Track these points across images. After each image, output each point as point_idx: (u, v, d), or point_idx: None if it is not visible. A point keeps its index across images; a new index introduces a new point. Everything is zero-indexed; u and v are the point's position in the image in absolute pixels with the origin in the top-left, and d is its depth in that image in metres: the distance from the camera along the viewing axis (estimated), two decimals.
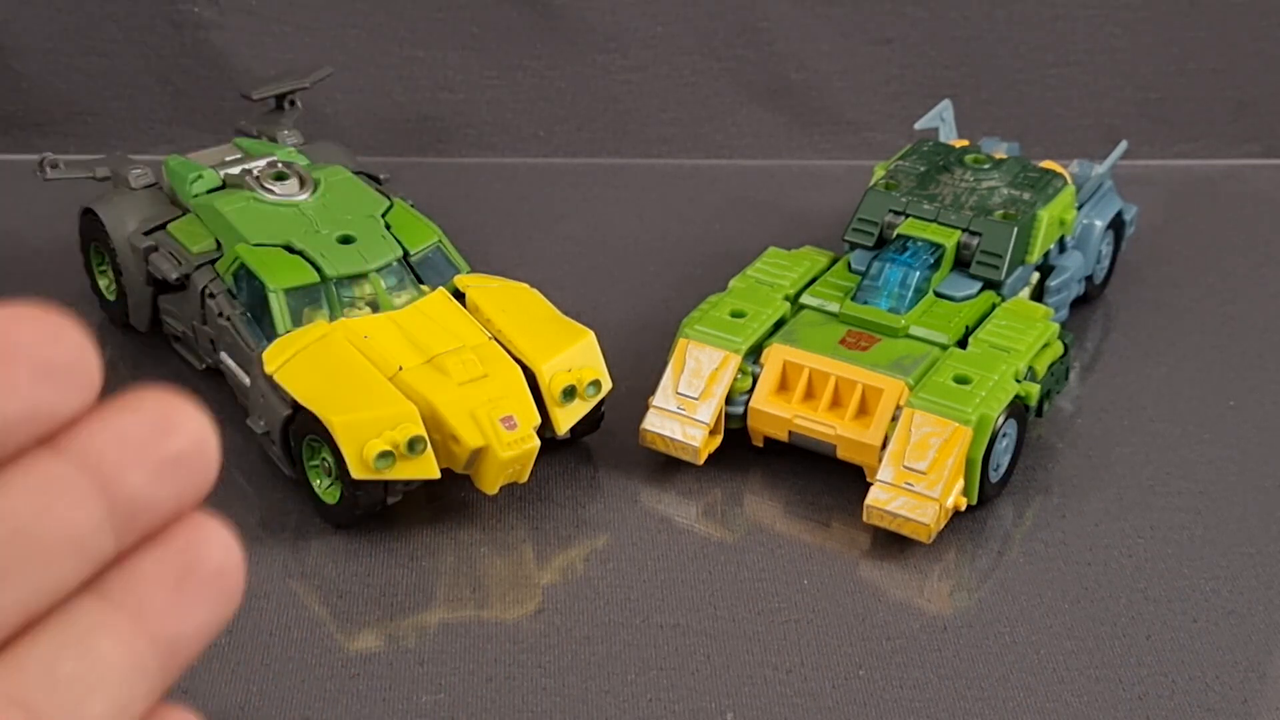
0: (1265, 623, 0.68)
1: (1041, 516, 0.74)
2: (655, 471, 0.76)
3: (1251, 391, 0.84)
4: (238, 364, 0.76)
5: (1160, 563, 0.71)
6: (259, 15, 1.02)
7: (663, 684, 0.64)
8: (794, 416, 0.74)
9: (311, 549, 0.71)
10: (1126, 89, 1.06)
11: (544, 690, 0.64)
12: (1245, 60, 1.06)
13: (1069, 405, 0.82)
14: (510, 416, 0.70)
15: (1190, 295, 0.92)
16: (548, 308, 0.77)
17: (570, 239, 0.97)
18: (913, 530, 0.70)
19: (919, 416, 0.71)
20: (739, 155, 1.07)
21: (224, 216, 0.78)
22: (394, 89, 1.05)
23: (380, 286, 0.75)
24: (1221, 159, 1.07)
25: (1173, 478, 0.77)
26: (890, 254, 0.79)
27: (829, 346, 0.75)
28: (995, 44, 1.05)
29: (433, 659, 0.65)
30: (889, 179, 0.84)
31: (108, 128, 1.05)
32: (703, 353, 0.75)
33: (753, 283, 0.80)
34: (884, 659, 0.66)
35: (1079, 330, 0.88)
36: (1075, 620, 0.68)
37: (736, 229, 0.97)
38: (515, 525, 0.73)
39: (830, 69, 1.06)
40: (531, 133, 1.06)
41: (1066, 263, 0.85)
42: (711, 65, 1.05)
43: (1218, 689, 0.65)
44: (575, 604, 0.68)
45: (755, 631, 0.67)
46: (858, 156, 1.05)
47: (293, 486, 0.74)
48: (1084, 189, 0.87)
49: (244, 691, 0.63)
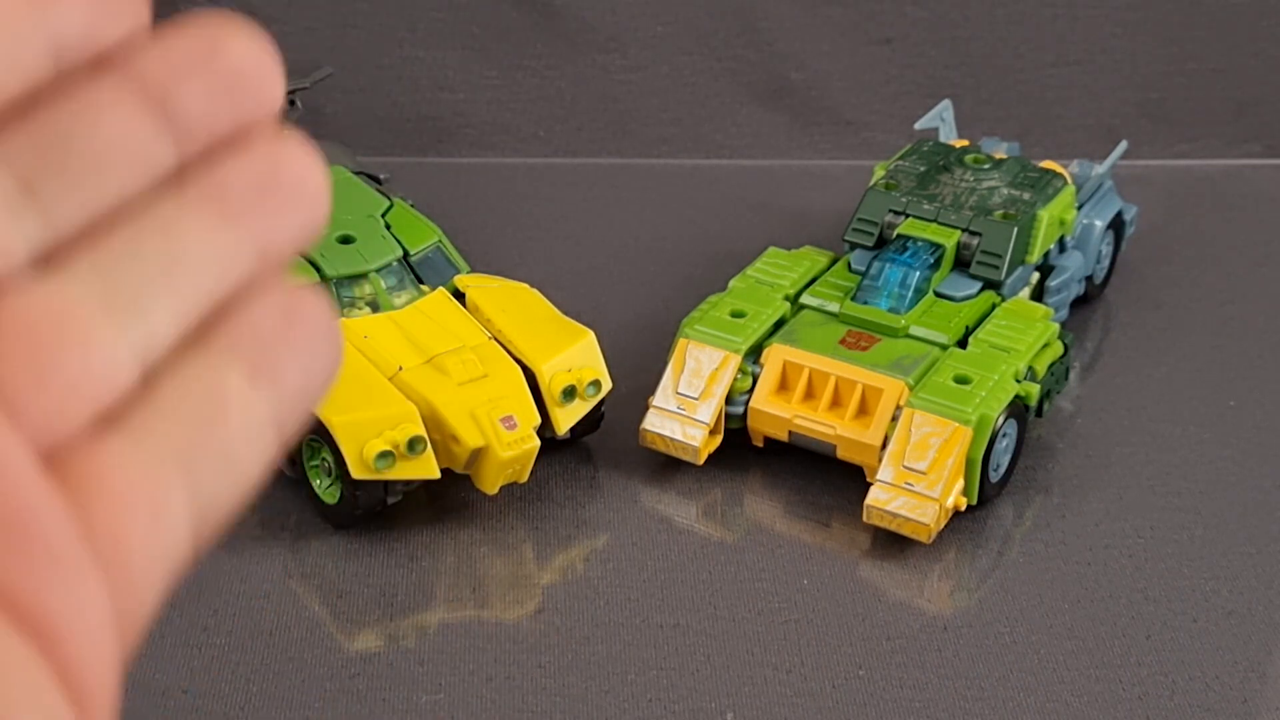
0: (1265, 623, 0.68)
1: (1041, 516, 0.74)
2: (655, 471, 0.76)
3: (1251, 391, 0.84)
4: None
5: (1160, 563, 0.71)
6: (259, 15, 1.02)
7: (663, 684, 0.64)
8: (794, 416, 0.74)
9: (311, 549, 0.71)
10: (1126, 89, 1.06)
11: (544, 690, 0.64)
12: (1245, 60, 1.06)
13: (1069, 405, 0.82)
14: (510, 416, 0.70)
15: (1190, 295, 0.92)
16: (548, 308, 0.77)
17: (570, 239, 0.97)
18: (913, 530, 0.70)
19: (919, 416, 0.71)
20: (739, 155, 1.06)
21: None
22: (394, 89, 1.05)
23: (380, 286, 0.75)
24: (1221, 159, 1.07)
25: (1173, 478, 0.77)
26: (890, 254, 0.79)
27: (829, 346, 0.75)
28: (995, 44, 1.05)
29: (433, 659, 0.65)
30: (889, 179, 0.84)
31: None
32: (703, 353, 0.75)
33: (753, 283, 0.80)
34: (884, 659, 0.66)
35: (1079, 330, 0.88)
36: (1075, 620, 0.68)
37: (736, 229, 0.97)
38: (515, 525, 0.73)
39: (830, 69, 1.06)
40: (531, 133, 1.06)
41: (1066, 263, 0.85)
42: (711, 65, 1.05)
43: (1218, 689, 0.64)
44: (575, 604, 0.68)
45: (755, 631, 0.67)
46: (858, 156, 1.05)
47: (293, 486, 0.74)
48: (1084, 189, 0.87)
49: (244, 691, 0.63)
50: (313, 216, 0.23)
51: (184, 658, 0.65)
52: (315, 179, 0.23)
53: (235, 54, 0.22)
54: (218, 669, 0.64)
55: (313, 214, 0.23)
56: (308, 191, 0.23)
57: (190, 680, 0.64)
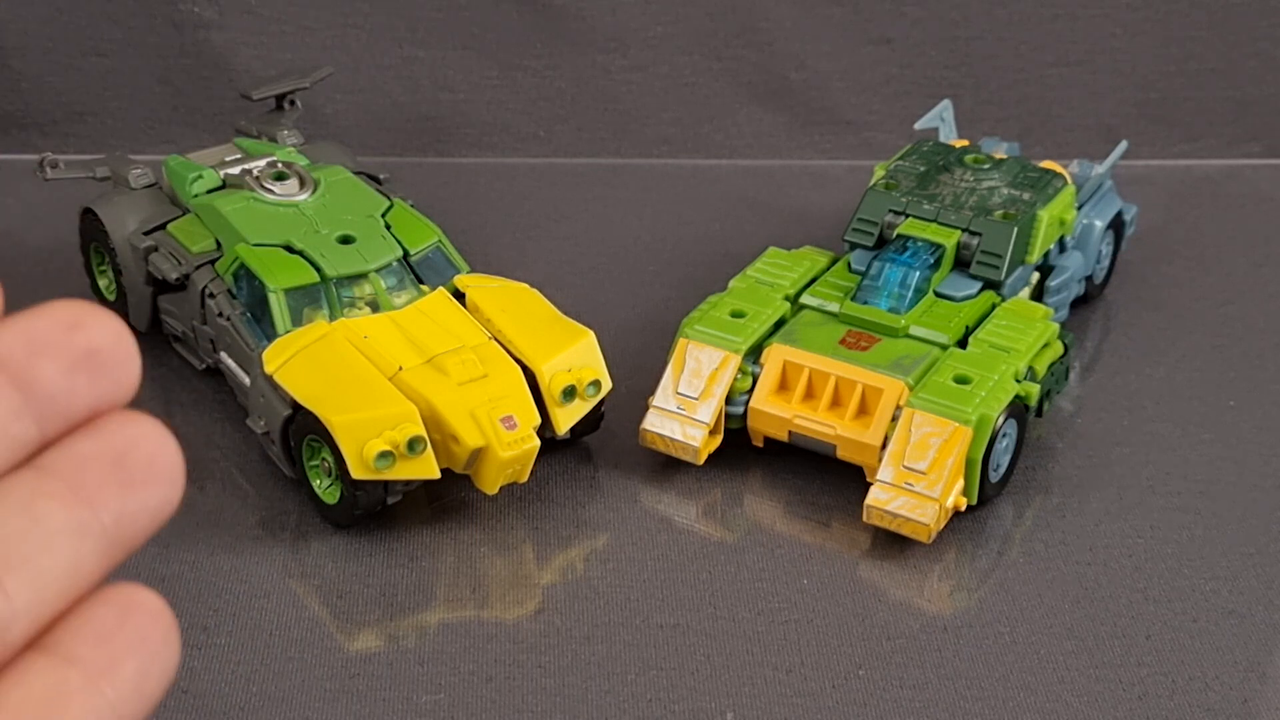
0: (1265, 623, 0.68)
1: (1041, 516, 0.74)
2: (655, 471, 0.76)
3: (1251, 391, 0.84)
4: (238, 364, 0.76)
5: (1160, 563, 0.71)
6: (259, 15, 1.02)
7: (663, 684, 0.64)
8: (794, 416, 0.74)
9: (311, 549, 0.71)
10: (1126, 89, 1.06)
11: (544, 690, 0.64)
12: (1245, 60, 1.06)
13: (1069, 405, 0.82)
14: (510, 416, 0.70)
15: (1190, 295, 0.92)
16: (548, 308, 0.77)
17: (570, 239, 0.97)
18: (913, 530, 0.70)
19: (919, 416, 0.71)
20: (739, 155, 1.07)
21: (224, 216, 0.78)
22: (394, 89, 1.05)
23: (380, 286, 0.75)
24: (1221, 159, 1.07)
25: (1173, 478, 0.77)
26: (890, 254, 0.79)
27: (829, 346, 0.75)
28: (995, 44, 1.05)
29: (433, 659, 0.65)
30: (889, 179, 0.84)
31: (108, 128, 1.05)
32: (703, 353, 0.75)
33: (753, 283, 0.80)
34: (884, 659, 0.66)
35: (1079, 330, 0.88)
36: (1075, 620, 0.68)
37: (736, 229, 0.97)
38: (515, 525, 0.73)
39: (830, 69, 1.06)
40: (531, 133, 1.06)
41: (1066, 263, 0.85)
42: (711, 65, 1.05)
43: (1218, 689, 0.65)
44: (575, 604, 0.68)
45: (755, 631, 0.67)
46: (858, 156, 1.05)
47: (293, 486, 0.74)
48: (1084, 189, 0.87)
49: (244, 691, 0.63)
50: (165, 495, 0.24)
51: (184, 658, 0.65)
52: (167, 454, 0.24)
53: (93, 332, 0.23)
54: (218, 669, 0.64)
55: (165, 492, 0.24)
56: (160, 470, 0.23)
57: (190, 680, 0.64)
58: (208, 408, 0.80)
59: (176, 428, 0.82)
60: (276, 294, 0.73)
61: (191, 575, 0.69)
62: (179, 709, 0.63)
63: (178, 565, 0.70)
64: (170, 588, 0.69)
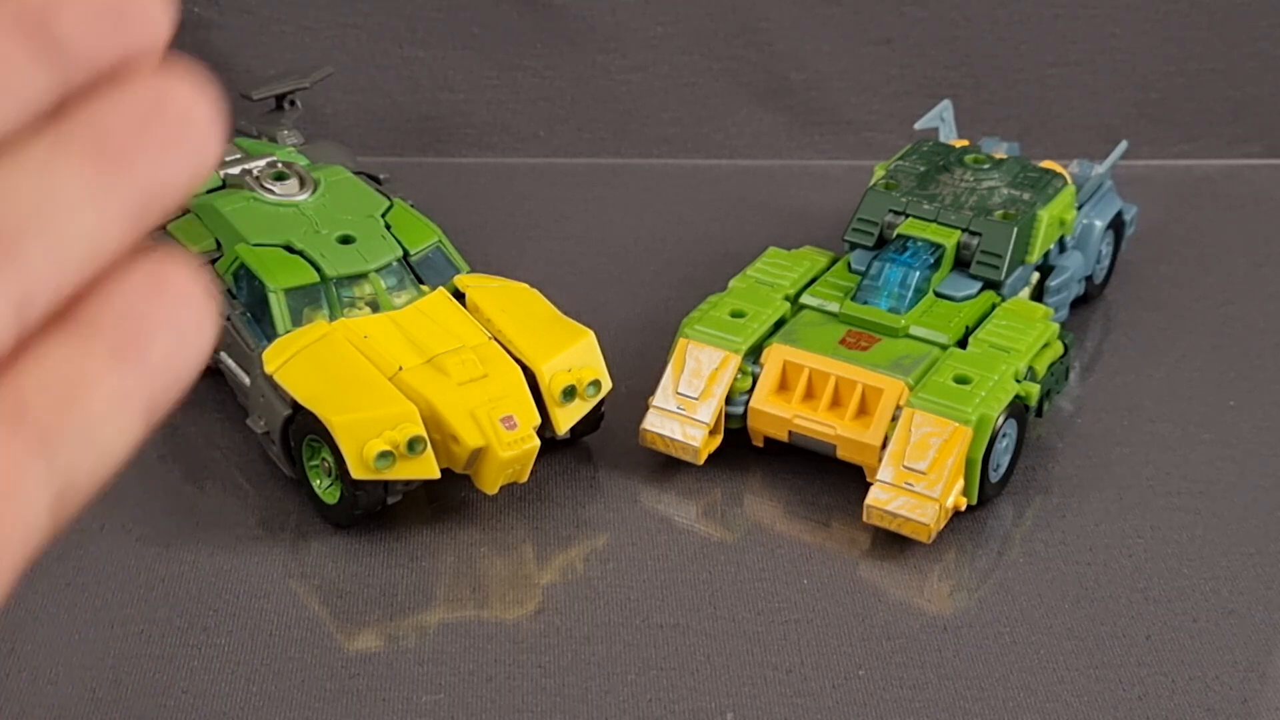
0: (1265, 623, 0.68)
1: (1041, 516, 0.74)
2: (655, 471, 0.76)
3: (1251, 391, 0.84)
4: (238, 364, 0.76)
5: (1160, 563, 0.71)
6: (259, 15, 1.02)
7: (663, 684, 0.64)
8: (794, 416, 0.74)
9: (311, 549, 0.71)
10: (1126, 89, 1.06)
11: (544, 690, 0.64)
12: (1245, 60, 1.06)
13: (1069, 405, 0.82)
14: (510, 416, 0.70)
15: (1190, 295, 0.92)
16: (548, 308, 0.77)
17: (570, 239, 0.97)
18: (913, 530, 0.70)
19: (919, 416, 0.71)
20: (739, 155, 1.06)
21: (224, 216, 0.78)
22: (394, 89, 1.05)
23: (380, 286, 0.75)
24: (1221, 159, 1.07)
25: (1173, 478, 0.77)
26: (890, 254, 0.79)
27: (829, 346, 0.75)
28: (995, 44, 1.05)
29: (433, 659, 0.65)
30: (889, 179, 0.84)
31: None
32: (703, 353, 0.75)
33: (753, 283, 0.80)
34: (884, 659, 0.66)
35: (1079, 330, 0.88)
36: (1075, 620, 0.68)
37: (736, 229, 0.97)
38: (515, 525, 0.73)
39: (830, 69, 1.06)
40: (531, 133, 1.06)
41: (1066, 263, 0.85)
42: (711, 65, 1.05)
43: (1218, 689, 0.64)
44: (575, 604, 0.68)
45: (755, 631, 0.67)
46: (858, 156, 1.05)
47: (293, 486, 0.74)
48: (1084, 189, 0.87)
49: (244, 691, 0.63)
50: (200, 156, 0.21)
51: (184, 658, 0.65)
52: (202, 115, 0.21)
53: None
54: (218, 669, 0.64)
55: (200, 154, 0.21)
56: (193, 130, 0.21)
57: (190, 680, 0.64)
58: (208, 408, 0.80)
59: (177, 427, 0.81)
60: (276, 294, 0.73)
61: (191, 575, 0.69)
62: (179, 709, 0.63)
63: (178, 565, 0.70)
64: (170, 588, 0.69)
